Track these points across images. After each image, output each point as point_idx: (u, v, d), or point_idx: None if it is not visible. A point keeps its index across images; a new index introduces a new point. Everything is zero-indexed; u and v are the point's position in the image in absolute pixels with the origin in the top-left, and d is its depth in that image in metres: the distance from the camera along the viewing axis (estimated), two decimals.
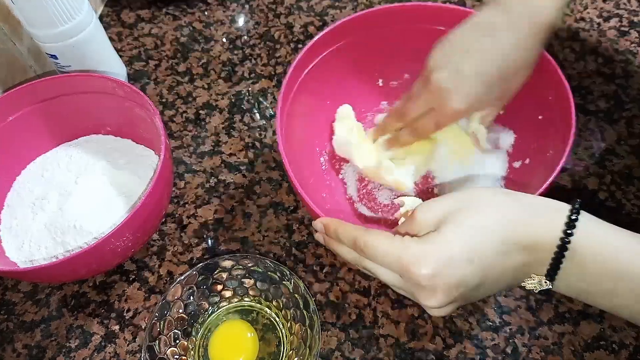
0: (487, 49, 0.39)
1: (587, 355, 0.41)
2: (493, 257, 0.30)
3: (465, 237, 0.29)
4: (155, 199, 0.42)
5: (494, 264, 0.30)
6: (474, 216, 0.30)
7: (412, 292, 0.30)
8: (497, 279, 0.31)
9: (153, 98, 0.60)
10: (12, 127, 0.48)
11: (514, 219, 0.30)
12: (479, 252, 0.29)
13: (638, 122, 0.54)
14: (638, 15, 0.63)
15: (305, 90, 0.47)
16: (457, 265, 0.29)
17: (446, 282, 0.29)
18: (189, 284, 0.43)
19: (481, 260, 0.29)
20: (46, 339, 0.44)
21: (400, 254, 0.30)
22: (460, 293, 0.30)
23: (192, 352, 0.42)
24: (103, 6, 0.70)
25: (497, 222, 0.30)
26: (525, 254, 0.30)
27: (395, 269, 0.31)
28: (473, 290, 0.30)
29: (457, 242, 0.29)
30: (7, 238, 0.47)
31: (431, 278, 0.29)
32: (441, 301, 0.29)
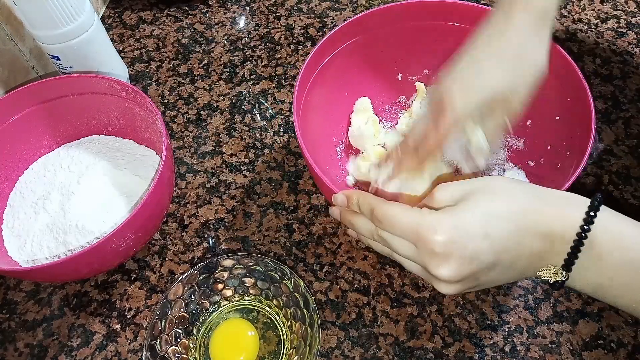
0: (491, 53, 0.37)
1: (585, 354, 0.42)
2: (507, 240, 0.30)
3: (481, 216, 0.30)
4: (157, 198, 0.42)
5: (508, 247, 0.30)
6: (491, 199, 0.31)
7: (425, 262, 0.30)
8: (511, 264, 0.31)
9: (154, 99, 0.60)
10: (15, 128, 0.49)
11: (531, 207, 0.30)
12: (494, 231, 0.30)
13: (636, 123, 0.54)
14: (636, 17, 0.64)
15: (324, 81, 0.47)
16: (472, 238, 0.29)
17: (460, 251, 0.29)
18: (190, 283, 0.43)
19: (495, 240, 0.30)
20: (48, 338, 0.45)
21: (417, 222, 0.30)
22: (473, 270, 0.30)
23: (193, 351, 0.42)
24: (105, 7, 0.70)
25: (513, 208, 0.30)
26: (541, 241, 0.30)
27: (410, 238, 0.31)
28: (486, 271, 0.30)
29: (474, 217, 0.30)
30: (10, 238, 0.47)
31: (446, 245, 0.29)
32: (453, 272, 0.29)
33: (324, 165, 0.47)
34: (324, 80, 0.48)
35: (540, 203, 0.31)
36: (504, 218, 0.30)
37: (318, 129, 0.48)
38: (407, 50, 0.51)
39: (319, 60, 0.47)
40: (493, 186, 0.32)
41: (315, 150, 0.44)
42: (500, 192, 0.31)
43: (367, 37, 0.49)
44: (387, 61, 0.52)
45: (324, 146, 0.50)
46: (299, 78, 0.44)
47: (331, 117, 0.52)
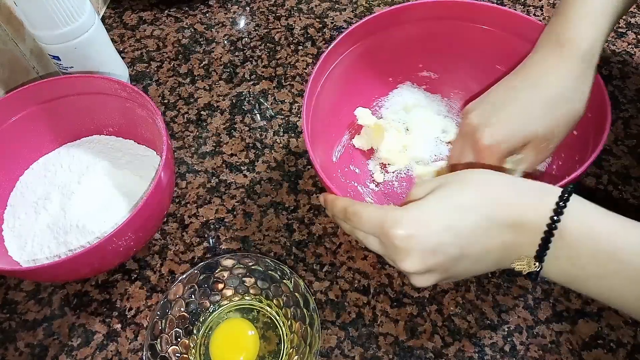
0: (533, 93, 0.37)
1: (585, 354, 0.42)
2: (473, 232, 0.30)
3: (445, 208, 0.30)
4: (157, 198, 0.42)
5: (474, 239, 0.30)
6: (460, 191, 0.31)
7: (391, 256, 0.32)
8: (480, 256, 0.31)
9: (155, 99, 0.60)
10: (15, 128, 0.49)
11: (499, 198, 0.30)
12: (458, 223, 0.30)
13: (635, 123, 0.54)
14: (635, 17, 0.64)
15: (331, 84, 0.48)
16: (433, 230, 0.30)
17: (421, 245, 0.30)
18: (191, 282, 0.43)
19: (459, 232, 0.30)
20: (48, 337, 0.45)
21: (381, 218, 0.31)
22: (438, 261, 0.30)
23: (193, 351, 0.42)
24: (105, 8, 0.70)
25: (482, 200, 0.30)
26: (512, 233, 0.30)
27: (376, 233, 0.32)
28: (453, 262, 0.31)
29: (438, 209, 0.30)
30: (10, 238, 0.47)
31: (406, 238, 0.30)
32: (416, 265, 0.30)
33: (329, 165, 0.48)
34: (332, 82, 0.48)
35: (512, 194, 0.31)
36: (470, 210, 0.30)
37: (323, 128, 0.48)
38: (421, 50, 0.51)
39: (329, 62, 0.47)
40: (465, 178, 0.32)
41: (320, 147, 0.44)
42: (472, 184, 0.31)
43: (376, 40, 0.49)
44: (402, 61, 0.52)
45: (328, 149, 0.50)
46: (310, 81, 0.44)
47: (336, 117, 0.52)
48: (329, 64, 0.47)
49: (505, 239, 0.30)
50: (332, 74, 0.47)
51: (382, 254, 0.33)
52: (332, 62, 0.47)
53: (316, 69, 0.44)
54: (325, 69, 0.46)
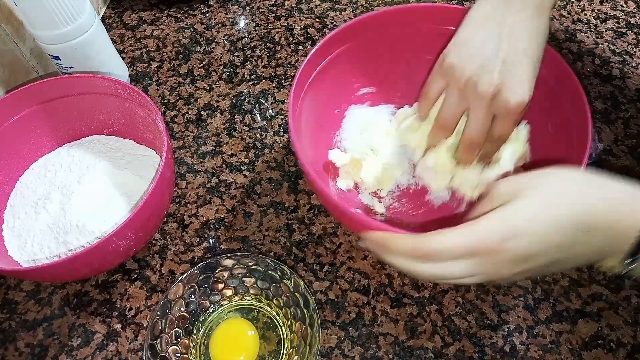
0: (511, 31, 0.37)
1: (585, 354, 0.42)
2: (563, 244, 0.29)
3: (536, 211, 0.29)
4: (157, 198, 0.42)
5: (564, 250, 0.30)
6: (547, 195, 0.30)
7: (486, 266, 0.30)
8: (570, 259, 0.30)
9: (155, 99, 0.60)
10: (15, 128, 0.49)
11: (596, 205, 0.29)
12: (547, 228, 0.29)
13: (635, 123, 0.54)
14: (635, 17, 0.64)
15: (316, 87, 0.47)
16: (523, 235, 0.29)
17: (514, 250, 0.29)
18: (191, 282, 0.43)
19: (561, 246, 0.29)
20: (48, 337, 0.45)
21: (470, 237, 0.29)
22: (529, 266, 0.30)
23: (193, 351, 0.42)
24: (105, 8, 0.70)
25: (572, 204, 0.29)
26: (605, 239, 0.30)
27: (467, 253, 0.29)
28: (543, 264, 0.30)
29: (527, 214, 0.29)
30: (10, 238, 0.47)
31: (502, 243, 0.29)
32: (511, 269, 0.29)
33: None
34: (320, 84, 0.47)
35: (606, 200, 0.30)
36: (562, 212, 0.29)
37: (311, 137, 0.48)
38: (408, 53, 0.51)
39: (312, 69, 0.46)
40: (554, 179, 0.31)
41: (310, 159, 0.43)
42: (561, 193, 0.30)
43: (365, 39, 0.49)
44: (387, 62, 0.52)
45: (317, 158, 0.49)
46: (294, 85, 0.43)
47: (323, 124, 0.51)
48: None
49: (596, 244, 0.30)
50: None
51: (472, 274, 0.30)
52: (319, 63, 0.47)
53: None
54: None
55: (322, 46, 0.46)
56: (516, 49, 0.37)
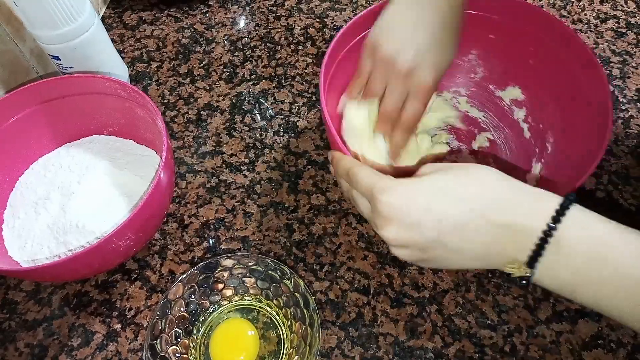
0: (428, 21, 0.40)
1: (585, 354, 0.42)
2: (456, 221, 0.30)
3: (435, 191, 0.31)
4: (157, 198, 0.42)
5: (455, 227, 0.31)
6: (457, 180, 0.32)
7: (374, 221, 0.33)
8: (461, 247, 0.31)
9: (155, 99, 0.60)
10: (15, 128, 0.49)
11: (499, 198, 0.31)
12: (441, 209, 0.31)
13: (635, 123, 0.54)
14: (635, 17, 0.64)
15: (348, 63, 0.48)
16: (415, 208, 0.31)
17: (400, 217, 0.31)
18: (190, 282, 0.43)
19: (440, 218, 0.31)
20: (48, 337, 0.45)
21: (374, 182, 0.33)
22: (413, 238, 0.31)
23: (193, 351, 0.42)
24: (105, 8, 0.70)
25: (478, 196, 0.31)
26: (502, 233, 0.30)
27: (367, 195, 0.34)
28: (430, 244, 0.31)
29: (425, 190, 0.32)
30: (10, 238, 0.47)
31: (388, 206, 0.32)
32: (392, 234, 0.32)
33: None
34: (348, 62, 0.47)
35: (512, 196, 0.31)
36: (461, 199, 0.31)
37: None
38: None
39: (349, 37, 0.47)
40: (469, 170, 0.32)
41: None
42: (476, 179, 0.32)
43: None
44: None
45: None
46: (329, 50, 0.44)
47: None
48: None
49: (492, 236, 0.30)
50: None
51: (368, 218, 0.35)
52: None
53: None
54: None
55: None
56: (431, 37, 0.40)
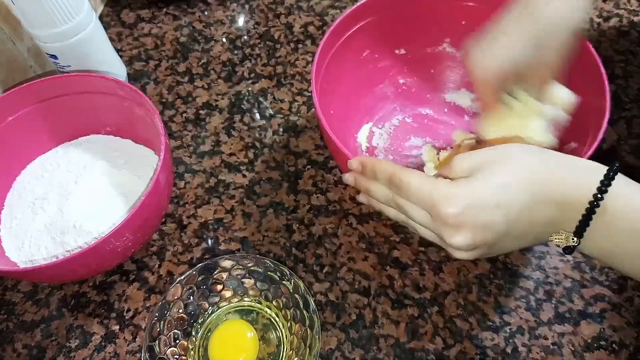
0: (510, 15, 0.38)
1: (587, 356, 0.41)
2: (520, 209, 0.31)
3: (494, 186, 0.31)
4: (155, 199, 0.42)
5: (521, 216, 0.31)
6: (505, 169, 0.31)
7: (440, 231, 0.32)
8: (524, 231, 0.32)
9: (153, 98, 0.60)
10: (12, 127, 0.48)
11: (545, 176, 0.31)
12: (506, 201, 0.30)
13: (638, 122, 0.54)
14: (638, 15, 0.63)
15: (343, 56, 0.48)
16: (484, 208, 0.30)
17: (472, 222, 0.30)
18: (189, 284, 0.43)
19: (508, 210, 0.30)
20: (46, 339, 0.44)
21: (431, 191, 0.31)
22: (485, 238, 0.31)
23: (192, 352, 0.42)
24: (103, 6, 0.70)
25: (527, 176, 0.31)
26: (555, 210, 0.31)
27: (425, 207, 0.32)
28: (498, 238, 0.31)
29: (487, 188, 0.31)
30: (7, 238, 0.47)
31: (457, 216, 0.30)
32: (465, 241, 0.31)
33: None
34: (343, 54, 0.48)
35: (556, 171, 0.31)
36: (518, 187, 0.31)
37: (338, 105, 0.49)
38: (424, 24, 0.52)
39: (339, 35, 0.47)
40: (509, 155, 0.32)
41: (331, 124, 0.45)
42: (516, 161, 0.32)
43: (364, 26, 0.49)
44: (388, 44, 0.53)
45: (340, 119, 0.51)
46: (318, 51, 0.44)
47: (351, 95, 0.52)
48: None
49: (549, 215, 0.31)
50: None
51: (427, 226, 0.33)
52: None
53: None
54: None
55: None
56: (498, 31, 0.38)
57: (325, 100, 0.45)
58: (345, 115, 0.51)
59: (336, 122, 0.49)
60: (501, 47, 0.38)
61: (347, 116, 0.52)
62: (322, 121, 0.41)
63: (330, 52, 0.47)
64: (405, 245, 0.47)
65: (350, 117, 0.53)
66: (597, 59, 0.42)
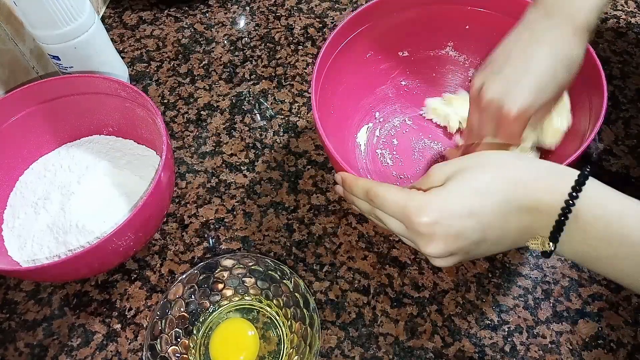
0: (532, 50, 0.38)
1: (585, 354, 0.42)
2: (493, 216, 0.31)
3: (467, 194, 0.31)
4: (157, 198, 0.42)
5: (494, 222, 0.31)
6: (478, 176, 0.31)
7: (414, 240, 0.32)
8: (499, 238, 0.32)
9: (155, 99, 0.60)
10: (15, 128, 0.49)
11: (518, 180, 0.31)
12: (479, 209, 0.30)
13: (635, 123, 0.54)
14: (635, 17, 0.64)
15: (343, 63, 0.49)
16: (456, 217, 0.30)
17: (445, 231, 0.30)
18: (190, 282, 0.43)
19: (481, 217, 0.30)
20: (48, 337, 0.45)
21: (405, 203, 0.32)
22: (460, 246, 0.31)
23: (193, 351, 0.42)
24: (105, 8, 0.70)
25: (500, 183, 0.31)
26: (529, 215, 0.30)
27: (399, 218, 0.32)
28: (474, 245, 0.31)
29: (459, 196, 0.31)
30: (10, 238, 0.47)
31: (430, 226, 0.31)
32: (439, 250, 0.31)
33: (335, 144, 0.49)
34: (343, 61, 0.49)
35: (529, 176, 0.31)
36: (490, 194, 0.31)
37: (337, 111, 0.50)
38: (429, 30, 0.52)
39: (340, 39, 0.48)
40: (483, 161, 0.32)
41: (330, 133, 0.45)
42: (489, 166, 0.32)
43: (368, 28, 0.50)
44: (391, 46, 0.53)
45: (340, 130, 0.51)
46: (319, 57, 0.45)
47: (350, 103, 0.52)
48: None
49: (523, 221, 0.31)
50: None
51: (403, 236, 0.34)
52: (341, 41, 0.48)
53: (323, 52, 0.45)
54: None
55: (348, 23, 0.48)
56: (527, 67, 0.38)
57: (326, 100, 0.46)
58: (345, 115, 0.52)
59: (336, 122, 0.49)
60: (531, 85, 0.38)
61: (347, 116, 0.53)
62: (318, 125, 0.41)
63: (333, 52, 0.48)
64: (404, 244, 0.48)
65: (350, 117, 0.53)
66: (595, 58, 0.42)
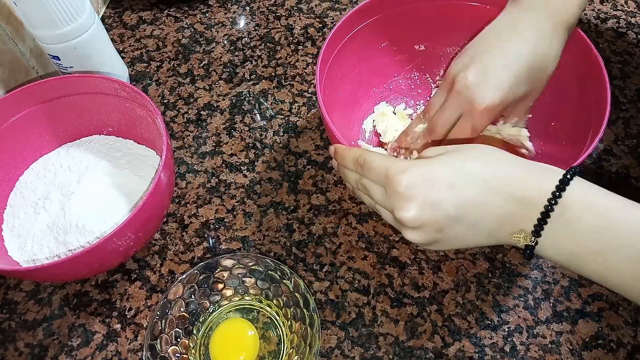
0: (511, 44, 0.39)
1: (585, 354, 0.42)
2: (473, 195, 0.31)
3: (452, 168, 0.31)
4: (157, 198, 0.42)
5: (474, 201, 0.31)
6: (468, 159, 0.32)
7: (392, 204, 0.32)
8: (476, 219, 0.31)
9: (155, 99, 0.60)
10: (15, 128, 0.49)
11: (507, 173, 0.31)
12: (461, 184, 0.31)
13: (635, 123, 0.54)
14: (635, 17, 0.64)
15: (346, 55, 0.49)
16: (436, 185, 0.31)
17: (422, 196, 0.31)
18: (190, 282, 0.43)
19: (461, 192, 0.31)
20: (48, 337, 0.45)
21: (389, 166, 0.32)
22: (434, 216, 0.31)
23: (193, 351, 0.42)
24: (105, 7, 0.70)
25: (489, 171, 0.31)
26: (512, 204, 0.31)
27: (381, 181, 0.33)
28: (448, 222, 0.31)
29: (444, 168, 0.31)
30: (10, 238, 0.47)
31: (408, 188, 0.31)
32: (412, 214, 0.31)
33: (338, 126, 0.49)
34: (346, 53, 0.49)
35: (518, 171, 0.31)
36: (475, 176, 0.31)
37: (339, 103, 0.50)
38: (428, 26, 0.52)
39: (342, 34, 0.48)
40: (477, 150, 0.33)
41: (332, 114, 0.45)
42: (483, 156, 0.32)
43: (386, 16, 0.50)
44: (408, 38, 0.53)
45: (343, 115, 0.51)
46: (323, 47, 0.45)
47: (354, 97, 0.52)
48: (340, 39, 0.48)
49: (505, 209, 0.31)
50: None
51: (383, 204, 0.34)
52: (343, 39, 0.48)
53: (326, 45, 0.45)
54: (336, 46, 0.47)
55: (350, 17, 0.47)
56: (505, 59, 0.39)
57: (334, 83, 0.46)
58: (353, 101, 0.52)
59: (343, 106, 0.50)
60: (507, 80, 0.38)
61: (356, 101, 0.53)
62: (320, 102, 0.41)
63: (348, 33, 0.47)
64: (404, 244, 0.48)
65: (359, 102, 0.53)
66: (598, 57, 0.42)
